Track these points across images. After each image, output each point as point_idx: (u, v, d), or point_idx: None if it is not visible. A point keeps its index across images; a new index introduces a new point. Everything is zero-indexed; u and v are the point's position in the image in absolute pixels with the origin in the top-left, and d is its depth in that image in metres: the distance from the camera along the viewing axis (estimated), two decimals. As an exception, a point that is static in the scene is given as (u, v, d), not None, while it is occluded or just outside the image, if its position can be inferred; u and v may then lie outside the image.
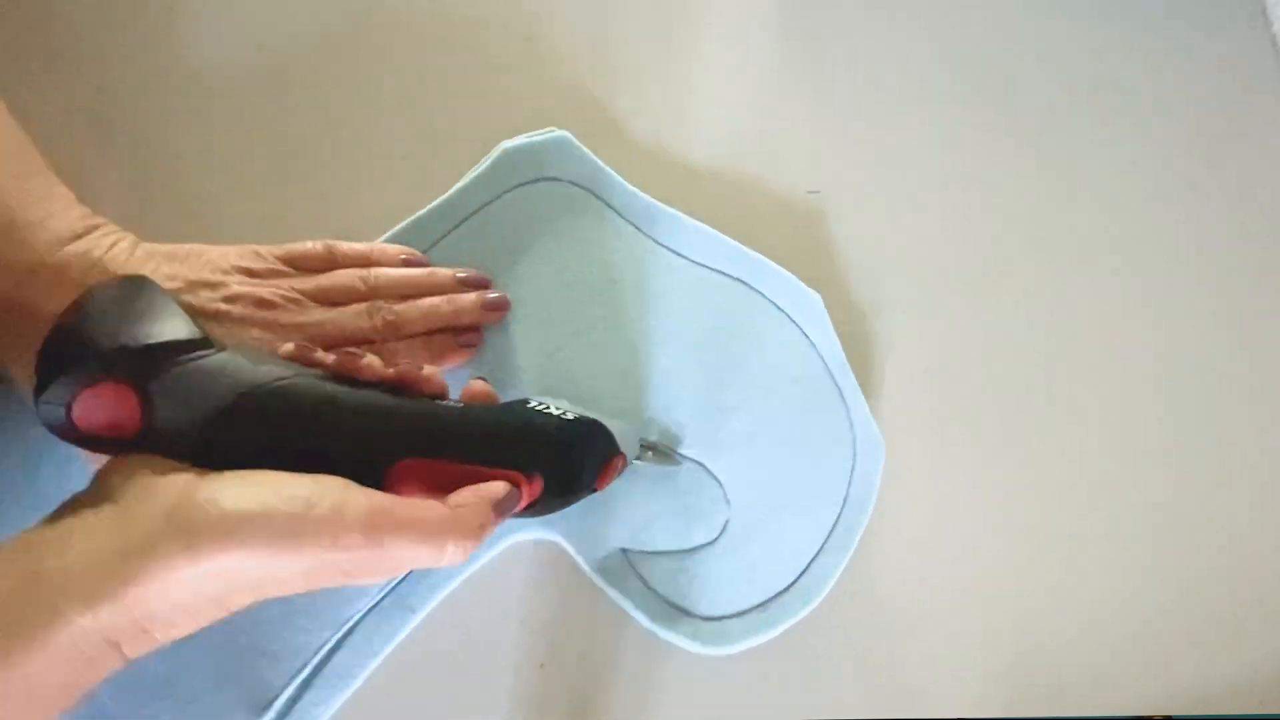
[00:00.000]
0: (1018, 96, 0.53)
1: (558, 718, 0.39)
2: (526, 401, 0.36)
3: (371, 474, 0.30)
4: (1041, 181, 0.51)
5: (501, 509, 0.31)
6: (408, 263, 0.42)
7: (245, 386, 0.30)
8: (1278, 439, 0.46)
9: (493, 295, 0.43)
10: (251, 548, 0.27)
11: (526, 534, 0.41)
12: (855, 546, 0.41)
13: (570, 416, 0.36)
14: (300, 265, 0.40)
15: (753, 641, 0.40)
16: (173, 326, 0.31)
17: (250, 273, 0.39)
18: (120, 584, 0.26)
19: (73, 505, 0.28)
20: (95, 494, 0.28)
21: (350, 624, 0.39)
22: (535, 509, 0.34)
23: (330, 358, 0.33)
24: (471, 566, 0.40)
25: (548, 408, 0.36)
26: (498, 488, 0.31)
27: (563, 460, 0.34)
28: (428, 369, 0.34)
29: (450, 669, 0.40)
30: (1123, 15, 0.55)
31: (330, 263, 0.41)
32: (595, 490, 0.36)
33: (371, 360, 0.33)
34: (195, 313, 0.34)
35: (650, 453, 0.41)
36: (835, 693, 0.40)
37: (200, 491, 0.27)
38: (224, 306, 0.37)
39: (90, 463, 0.33)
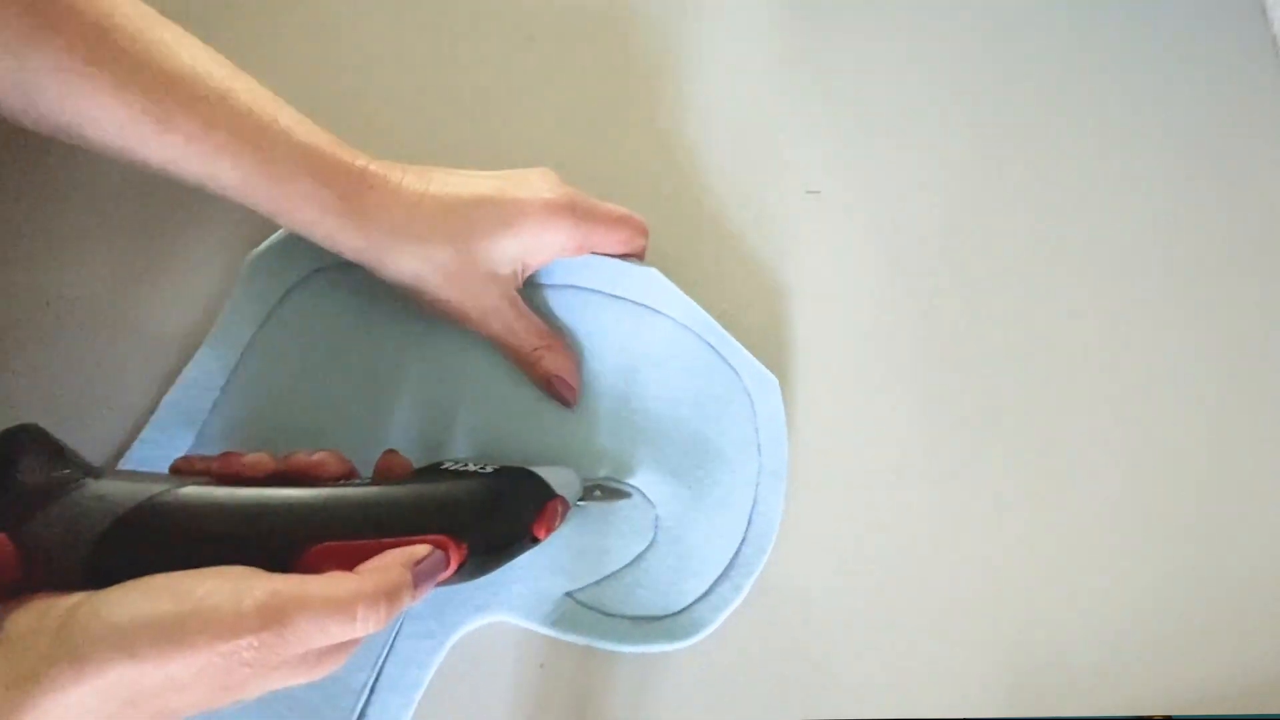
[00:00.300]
0: (1017, 97, 0.53)
1: (558, 718, 0.39)
2: (440, 464, 0.36)
3: (277, 567, 0.30)
4: (1040, 181, 0.51)
5: (425, 571, 0.30)
6: None
7: (123, 508, 0.30)
8: (1277, 437, 0.46)
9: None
10: (138, 654, 0.26)
11: (471, 625, 0.39)
12: (786, 485, 0.41)
13: (489, 470, 0.35)
14: None
15: (728, 612, 0.40)
16: (45, 465, 0.30)
17: None
18: (10, 716, 0.25)
19: None
20: None
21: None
22: (470, 569, 0.33)
23: (211, 464, 0.33)
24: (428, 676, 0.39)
25: (465, 465, 0.35)
26: (417, 550, 0.31)
27: (488, 516, 0.34)
28: (320, 454, 0.34)
29: (450, 669, 0.39)
30: (1122, 16, 0.55)
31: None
32: (539, 539, 0.35)
33: (255, 458, 0.33)
34: None
35: (599, 491, 0.40)
36: (835, 690, 0.40)
37: (84, 607, 0.27)
38: None
39: None
